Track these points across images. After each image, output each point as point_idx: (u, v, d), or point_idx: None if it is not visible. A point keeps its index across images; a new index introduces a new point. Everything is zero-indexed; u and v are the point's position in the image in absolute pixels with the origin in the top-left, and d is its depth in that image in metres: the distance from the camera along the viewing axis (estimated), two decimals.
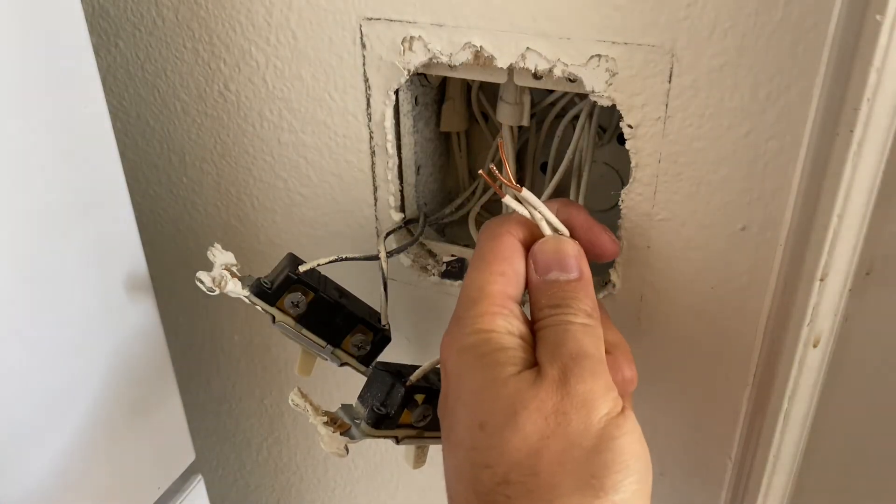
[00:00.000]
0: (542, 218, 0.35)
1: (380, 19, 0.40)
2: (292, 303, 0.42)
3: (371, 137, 0.45)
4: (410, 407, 0.39)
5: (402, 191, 0.47)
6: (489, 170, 0.34)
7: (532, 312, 0.34)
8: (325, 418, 0.38)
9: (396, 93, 0.42)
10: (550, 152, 0.48)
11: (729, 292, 0.40)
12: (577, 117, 0.45)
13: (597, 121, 0.44)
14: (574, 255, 0.34)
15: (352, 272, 0.45)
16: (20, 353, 0.38)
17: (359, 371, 0.45)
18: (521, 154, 0.50)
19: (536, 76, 0.38)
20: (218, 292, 0.41)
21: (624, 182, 0.41)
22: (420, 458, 0.42)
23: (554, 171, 0.47)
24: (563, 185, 0.47)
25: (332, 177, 0.48)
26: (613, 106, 0.37)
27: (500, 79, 0.40)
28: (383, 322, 0.44)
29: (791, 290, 0.37)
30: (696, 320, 0.42)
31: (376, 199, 0.47)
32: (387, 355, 0.44)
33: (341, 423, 0.38)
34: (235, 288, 0.41)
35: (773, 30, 0.33)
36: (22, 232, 0.37)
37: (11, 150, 0.35)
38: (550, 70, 0.37)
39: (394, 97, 0.42)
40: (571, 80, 0.37)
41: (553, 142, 0.47)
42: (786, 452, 0.42)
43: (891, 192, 0.33)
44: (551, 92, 0.46)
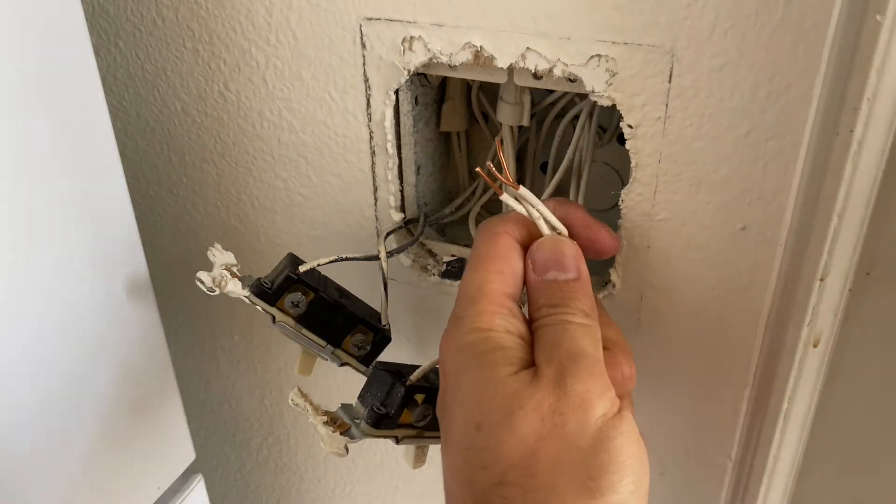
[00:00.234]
0: (541, 216, 0.35)
1: (380, 19, 0.40)
2: (292, 303, 0.42)
3: (371, 137, 0.45)
4: (410, 407, 0.39)
5: (402, 191, 0.47)
6: (487, 168, 0.34)
7: (530, 312, 0.33)
8: (325, 418, 0.38)
9: (396, 93, 0.42)
10: (550, 152, 0.48)
11: (729, 292, 0.40)
12: (577, 117, 0.45)
13: (597, 121, 0.44)
14: (572, 255, 0.34)
15: (352, 272, 0.45)
16: (20, 353, 0.38)
17: (359, 371, 0.45)
18: (521, 154, 0.50)
19: (536, 76, 0.38)
20: (218, 292, 0.41)
21: (624, 182, 0.41)
22: (420, 458, 0.42)
23: (554, 171, 0.47)
24: (563, 185, 0.47)
25: (333, 177, 0.48)
26: (613, 106, 0.37)
27: (500, 79, 0.40)
28: (383, 322, 0.44)
29: (791, 290, 0.37)
30: (696, 320, 0.42)
31: (376, 199, 0.47)
32: (387, 355, 0.44)
33: (341, 423, 0.38)
34: (235, 288, 0.41)
35: (773, 30, 0.33)
36: (22, 232, 0.37)
37: (11, 150, 0.35)
38: (550, 70, 0.37)
39: (394, 97, 0.42)
40: (571, 80, 0.37)
41: (553, 142, 0.47)
42: (786, 452, 0.42)
43: (891, 192, 0.33)
44: (551, 92, 0.46)
